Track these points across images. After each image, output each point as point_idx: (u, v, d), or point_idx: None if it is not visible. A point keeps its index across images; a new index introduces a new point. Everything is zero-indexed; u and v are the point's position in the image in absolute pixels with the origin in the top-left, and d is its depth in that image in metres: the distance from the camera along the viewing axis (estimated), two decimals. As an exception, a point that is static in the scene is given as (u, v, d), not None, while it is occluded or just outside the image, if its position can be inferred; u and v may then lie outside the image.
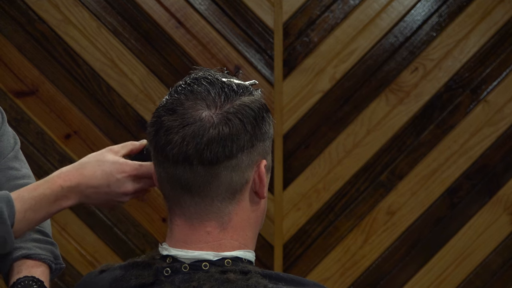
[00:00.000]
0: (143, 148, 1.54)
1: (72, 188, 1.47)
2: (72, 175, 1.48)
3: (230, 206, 1.28)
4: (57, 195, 1.47)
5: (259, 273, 1.26)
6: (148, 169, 1.49)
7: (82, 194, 1.48)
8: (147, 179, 1.50)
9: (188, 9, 3.26)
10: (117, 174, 1.48)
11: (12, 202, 1.45)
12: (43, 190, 1.47)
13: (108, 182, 1.48)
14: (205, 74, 1.31)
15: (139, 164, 1.50)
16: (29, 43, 3.25)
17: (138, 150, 1.54)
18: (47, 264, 1.60)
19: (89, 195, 1.49)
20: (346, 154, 3.28)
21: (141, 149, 1.54)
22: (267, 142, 1.30)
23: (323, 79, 3.27)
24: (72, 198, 1.48)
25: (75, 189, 1.47)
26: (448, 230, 3.28)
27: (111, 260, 3.24)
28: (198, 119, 1.25)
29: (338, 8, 3.26)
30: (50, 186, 1.47)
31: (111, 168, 1.48)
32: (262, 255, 3.25)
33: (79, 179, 1.48)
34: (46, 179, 1.49)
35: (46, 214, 1.49)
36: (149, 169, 1.48)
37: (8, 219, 1.43)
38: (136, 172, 1.49)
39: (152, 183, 1.49)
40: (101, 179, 1.48)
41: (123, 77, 3.26)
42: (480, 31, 3.26)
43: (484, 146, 3.27)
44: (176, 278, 1.27)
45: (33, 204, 1.46)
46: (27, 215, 1.46)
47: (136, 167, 1.49)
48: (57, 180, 1.48)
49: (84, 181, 1.48)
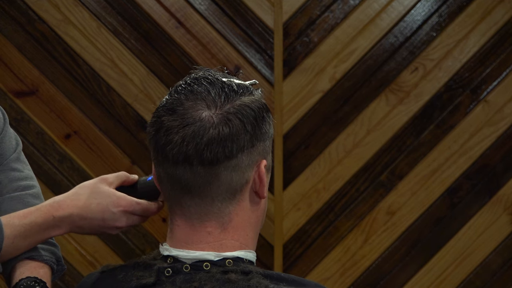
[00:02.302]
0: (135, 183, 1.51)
1: (65, 218, 1.45)
2: (65, 205, 1.45)
3: (231, 206, 1.28)
4: (48, 224, 1.45)
5: (260, 274, 1.26)
6: (144, 208, 1.47)
7: (74, 224, 1.46)
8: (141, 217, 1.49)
9: (188, 9, 3.26)
10: (113, 208, 1.46)
11: (1, 228, 1.43)
12: (34, 219, 1.44)
13: (102, 215, 1.46)
14: (205, 74, 1.30)
15: (136, 202, 1.47)
16: (29, 43, 3.25)
17: (130, 183, 1.51)
18: (49, 265, 1.60)
19: (82, 226, 1.46)
20: (346, 154, 3.28)
21: (133, 183, 1.51)
22: (267, 142, 1.30)
23: (323, 79, 3.27)
24: (63, 228, 1.46)
25: (68, 220, 1.45)
26: (448, 230, 3.28)
27: (111, 260, 3.24)
28: (198, 119, 1.25)
29: (338, 8, 3.26)
30: (42, 215, 1.45)
31: (107, 201, 1.46)
32: (262, 255, 3.25)
33: (72, 210, 1.45)
34: (38, 207, 1.46)
35: (35, 241, 1.47)
36: (145, 208, 1.47)
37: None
38: (133, 209, 1.47)
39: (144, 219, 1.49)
40: (96, 212, 1.45)
41: (123, 77, 3.26)
42: (480, 31, 3.26)
43: (484, 146, 3.27)
44: (177, 279, 1.27)
45: (22, 232, 1.44)
46: (16, 242, 1.44)
47: (133, 204, 1.47)
48: (49, 209, 1.45)
49: (77, 212, 1.45)
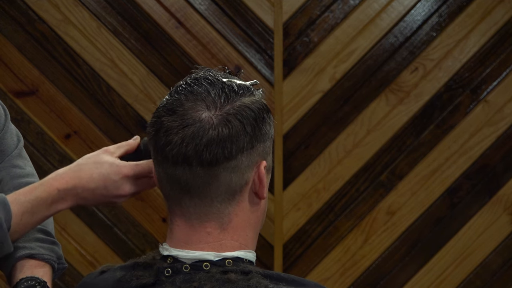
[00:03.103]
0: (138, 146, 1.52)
1: (68, 191, 1.46)
2: (68, 178, 1.46)
3: (230, 207, 1.28)
4: (53, 198, 1.45)
5: (260, 274, 1.26)
6: (144, 168, 1.47)
7: (79, 196, 1.46)
8: (145, 179, 1.49)
9: (188, 9, 3.26)
10: (114, 176, 1.46)
11: (9, 206, 1.44)
12: (39, 193, 1.45)
13: (105, 184, 1.46)
14: (206, 74, 1.30)
15: (135, 164, 1.48)
16: (29, 43, 3.25)
17: (134, 149, 1.52)
18: (50, 264, 1.60)
19: (86, 197, 1.47)
20: (346, 154, 3.28)
21: (136, 147, 1.52)
22: (267, 143, 1.30)
23: (323, 79, 3.27)
24: (68, 200, 1.46)
25: (72, 192, 1.46)
26: (448, 230, 3.28)
27: (111, 260, 3.24)
28: (197, 120, 1.24)
29: (338, 8, 3.26)
30: (46, 189, 1.46)
31: (108, 170, 1.46)
32: (262, 255, 3.25)
33: (75, 181, 1.46)
34: (42, 182, 1.47)
35: (42, 217, 1.47)
36: (146, 168, 1.47)
37: (4, 223, 1.42)
38: (134, 172, 1.47)
39: (151, 183, 1.49)
40: (98, 181, 1.46)
41: (123, 77, 3.26)
42: (480, 31, 3.26)
43: (484, 146, 3.27)
44: (177, 279, 1.27)
45: (29, 207, 1.45)
46: (24, 219, 1.45)
47: (133, 168, 1.47)
48: (53, 183, 1.46)
49: (81, 184, 1.46)
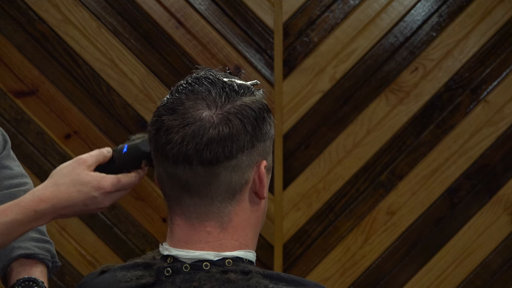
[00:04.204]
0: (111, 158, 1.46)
1: (46, 210, 1.41)
2: (46, 198, 1.41)
3: (230, 206, 1.28)
4: (30, 219, 1.41)
5: (260, 273, 1.26)
6: (125, 184, 1.43)
7: (57, 213, 1.42)
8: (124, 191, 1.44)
9: (188, 9, 3.26)
10: (94, 192, 1.41)
11: None
12: (15, 216, 1.41)
13: (85, 201, 1.41)
14: (207, 74, 1.30)
15: (116, 180, 1.42)
16: (29, 43, 3.24)
17: (107, 159, 1.45)
18: (44, 263, 1.59)
19: (65, 214, 1.43)
20: (346, 154, 3.28)
21: (110, 158, 1.46)
22: (267, 142, 1.30)
23: (323, 79, 3.27)
24: (45, 219, 1.42)
25: (50, 210, 1.41)
26: (448, 230, 3.28)
27: (111, 260, 3.24)
28: (198, 119, 1.24)
29: (338, 8, 3.26)
30: (23, 211, 1.41)
31: (88, 187, 1.41)
32: (262, 255, 3.24)
33: (54, 201, 1.41)
34: (18, 202, 1.42)
35: (19, 236, 1.44)
36: (125, 184, 1.43)
37: None
38: (115, 189, 1.42)
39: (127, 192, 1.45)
40: (78, 200, 1.41)
41: (123, 77, 3.26)
42: (480, 31, 3.26)
43: (484, 146, 3.27)
44: (177, 278, 1.27)
45: (5, 230, 1.41)
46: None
47: (115, 183, 1.42)
48: (30, 204, 1.41)
49: (59, 204, 1.41)
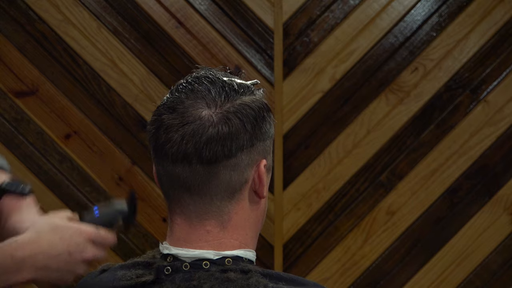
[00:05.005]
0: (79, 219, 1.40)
1: (25, 259, 1.29)
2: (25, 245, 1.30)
3: (230, 205, 1.28)
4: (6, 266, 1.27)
5: (259, 273, 1.26)
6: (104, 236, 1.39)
7: (38, 265, 1.30)
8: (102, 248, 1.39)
9: (188, 9, 3.26)
10: (77, 238, 1.34)
11: None
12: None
13: (68, 248, 1.33)
14: (207, 73, 1.31)
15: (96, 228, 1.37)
16: (29, 43, 3.25)
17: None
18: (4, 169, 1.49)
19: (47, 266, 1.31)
20: (346, 154, 3.28)
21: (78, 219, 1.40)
22: (267, 142, 1.30)
23: (323, 79, 3.27)
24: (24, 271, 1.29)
25: (30, 260, 1.29)
26: (448, 230, 3.28)
27: (111, 260, 3.23)
28: (197, 117, 1.25)
29: (338, 8, 3.26)
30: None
31: (69, 232, 1.33)
32: (262, 255, 3.24)
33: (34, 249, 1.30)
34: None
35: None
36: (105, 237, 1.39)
37: None
38: (95, 236, 1.37)
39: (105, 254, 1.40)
40: (61, 247, 1.32)
41: (123, 77, 3.26)
42: (480, 31, 3.26)
43: (484, 146, 3.27)
44: (177, 277, 1.27)
45: None
46: None
47: (94, 230, 1.37)
48: (7, 248, 1.28)
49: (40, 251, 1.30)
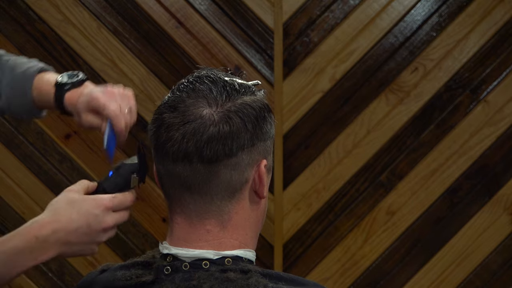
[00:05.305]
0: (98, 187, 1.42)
1: (48, 237, 1.33)
2: (46, 223, 1.34)
3: (230, 205, 1.28)
4: (31, 247, 1.33)
5: (259, 273, 1.27)
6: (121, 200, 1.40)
7: (60, 241, 1.34)
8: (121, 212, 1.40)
9: (188, 9, 3.26)
10: (94, 210, 1.36)
11: None
12: (15, 243, 1.32)
13: (87, 221, 1.36)
14: (208, 73, 1.31)
15: (112, 196, 1.39)
16: (29, 43, 3.25)
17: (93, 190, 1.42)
18: None
19: (69, 241, 1.35)
20: (346, 154, 3.28)
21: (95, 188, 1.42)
22: (268, 142, 1.30)
23: (323, 79, 3.27)
24: (50, 249, 1.34)
25: (52, 238, 1.34)
26: (448, 230, 3.28)
27: (111, 260, 3.24)
28: (198, 116, 1.25)
29: (338, 8, 3.26)
30: (23, 238, 1.33)
31: (85, 206, 1.36)
32: (262, 255, 3.24)
33: (54, 225, 1.34)
34: (18, 231, 1.34)
35: (20, 270, 1.34)
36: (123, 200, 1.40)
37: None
38: (112, 203, 1.38)
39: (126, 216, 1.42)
40: (79, 220, 1.35)
41: (123, 77, 3.26)
42: (480, 31, 3.26)
43: (484, 146, 3.27)
44: (177, 277, 1.27)
45: (4, 259, 1.32)
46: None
47: (111, 198, 1.38)
48: (30, 230, 1.33)
49: (61, 227, 1.34)
